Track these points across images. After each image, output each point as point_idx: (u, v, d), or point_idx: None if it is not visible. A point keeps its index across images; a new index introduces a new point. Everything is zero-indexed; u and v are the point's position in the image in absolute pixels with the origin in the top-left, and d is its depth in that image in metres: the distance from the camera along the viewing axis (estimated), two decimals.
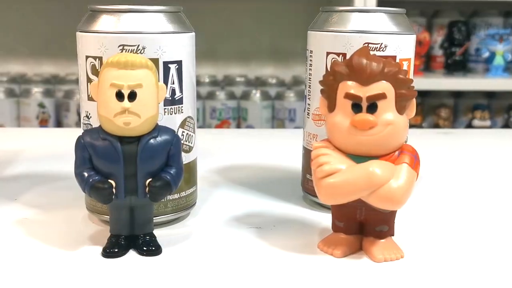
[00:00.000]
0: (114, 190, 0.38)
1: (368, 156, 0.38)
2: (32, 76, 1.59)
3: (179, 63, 0.43)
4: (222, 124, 1.56)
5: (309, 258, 0.40)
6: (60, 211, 0.49)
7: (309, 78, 0.49)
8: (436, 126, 1.63)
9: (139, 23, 0.41)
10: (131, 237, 0.41)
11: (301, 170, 0.52)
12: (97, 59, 0.42)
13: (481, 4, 1.64)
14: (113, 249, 0.40)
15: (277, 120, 1.58)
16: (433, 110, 1.65)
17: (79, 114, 1.50)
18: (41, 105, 1.49)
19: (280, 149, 0.73)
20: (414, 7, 1.62)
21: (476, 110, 1.62)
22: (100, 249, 0.41)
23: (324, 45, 0.47)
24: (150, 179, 0.39)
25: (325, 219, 0.47)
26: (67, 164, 0.62)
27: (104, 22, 0.42)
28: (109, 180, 0.38)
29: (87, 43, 0.42)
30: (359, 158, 0.38)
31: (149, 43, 0.41)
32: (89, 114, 0.43)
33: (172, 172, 0.39)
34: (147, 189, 0.39)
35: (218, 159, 0.66)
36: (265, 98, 1.56)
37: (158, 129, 0.39)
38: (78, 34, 0.44)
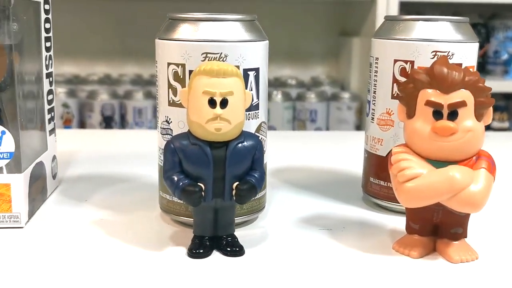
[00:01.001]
0: (203, 193, 0.40)
1: (447, 161, 0.39)
2: (55, 77, 1.60)
3: (256, 70, 0.45)
4: None
5: (386, 259, 0.41)
6: (132, 212, 0.50)
7: (374, 84, 0.50)
8: None
9: (221, 32, 0.43)
10: (214, 238, 0.42)
11: (363, 173, 0.53)
12: (180, 66, 0.43)
13: (500, 6, 1.65)
14: (199, 249, 0.41)
15: (298, 121, 1.60)
16: None
17: (103, 115, 1.53)
18: (65, 105, 1.51)
19: (330, 151, 0.75)
20: (434, 9, 1.64)
21: (495, 111, 1.63)
22: (180, 249, 0.42)
23: (391, 53, 0.48)
24: (237, 182, 0.40)
25: (389, 221, 0.49)
26: (125, 165, 0.65)
27: (186, 30, 0.43)
28: (199, 183, 0.40)
29: (169, 51, 0.44)
30: (438, 163, 0.39)
31: (230, 51, 0.43)
32: (169, 119, 0.45)
33: (256, 175, 0.41)
34: (233, 192, 0.40)
35: (273, 161, 0.68)
36: (287, 99, 1.58)
37: (244, 135, 0.41)
38: (158, 41, 0.45)
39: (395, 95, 0.48)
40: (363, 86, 1.61)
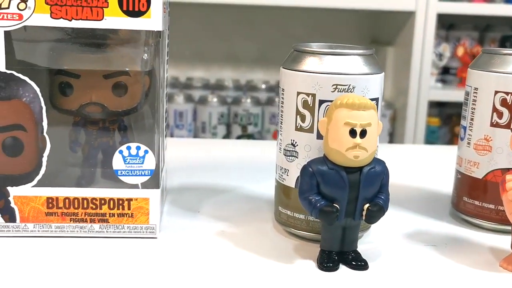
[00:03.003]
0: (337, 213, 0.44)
1: None
2: None
3: (377, 100, 0.49)
4: None
5: (497, 276, 0.46)
6: (248, 223, 0.54)
7: (472, 111, 0.55)
8: None
9: (348, 65, 0.47)
10: (340, 253, 0.47)
11: (454, 191, 0.58)
12: (310, 96, 0.48)
13: None
14: (328, 263, 0.46)
15: None
16: None
17: None
18: None
19: (409, 165, 0.79)
20: (468, 21, 1.68)
21: None
22: (307, 262, 0.47)
23: (490, 84, 0.53)
24: (367, 204, 0.44)
25: (484, 238, 0.53)
26: (216, 175, 0.69)
27: (316, 63, 0.48)
28: (334, 204, 0.44)
29: (299, 81, 0.48)
30: None
31: (357, 83, 0.47)
32: (295, 142, 0.49)
33: (383, 197, 0.45)
34: (364, 212, 0.45)
35: None
36: None
37: (374, 161, 0.45)
38: (286, 71, 0.49)
39: (494, 123, 0.53)
40: (397, 95, 1.66)
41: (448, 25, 1.70)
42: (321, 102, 0.47)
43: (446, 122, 1.75)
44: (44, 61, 0.49)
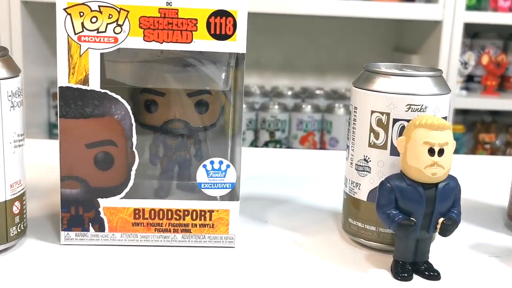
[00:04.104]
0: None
1: None
2: None
3: (445, 118, 0.52)
4: (308, 135, 1.65)
5: None
6: (317, 234, 0.57)
7: None
8: (508, 143, 1.71)
9: (421, 86, 0.50)
10: (412, 263, 0.49)
11: (510, 203, 0.60)
12: (384, 115, 0.50)
13: None
14: (403, 273, 0.48)
15: None
16: (506, 128, 1.73)
17: None
18: None
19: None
20: (492, 29, 1.70)
21: None
22: (381, 271, 0.49)
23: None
24: (442, 218, 0.47)
25: None
26: (287, 186, 0.72)
27: (389, 83, 0.50)
28: (411, 218, 0.47)
29: (373, 100, 0.51)
30: None
31: (430, 103, 0.50)
32: (368, 158, 0.52)
33: (456, 212, 0.48)
34: (438, 226, 0.47)
35: None
36: (349, 112, 1.65)
37: (448, 177, 0.48)
38: (358, 90, 0.52)
39: None
40: None
41: (472, 33, 1.72)
42: (395, 120, 0.50)
43: (470, 129, 1.78)
44: (131, 80, 0.52)
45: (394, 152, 0.51)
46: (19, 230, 0.50)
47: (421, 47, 1.69)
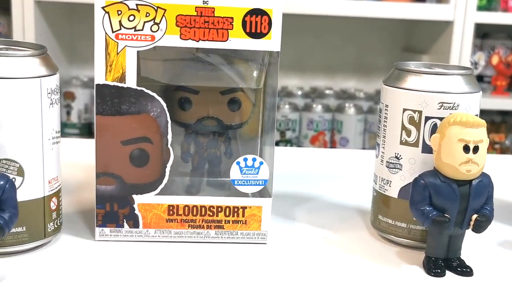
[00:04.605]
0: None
1: None
2: None
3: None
4: (318, 135, 1.65)
5: None
6: (345, 230, 0.58)
7: None
8: None
9: (453, 84, 0.51)
10: (445, 259, 0.50)
11: None
12: (416, 112, 0.51)
13: None
14: (436, 269, 0.49)
15: (370, 133, 1.67)
16: None
17: None
18: None
19: None
20: (502, 30, 1.71)
21: None
22: (413, 267, 0.50)
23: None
24: (475, 215, 0.48)
25: None
26: (312, 184, 0.72)
27: (421, 81, 0.51)
28: (446, 215, 0.47)
29: (405, 98, 0.51)
30: None
31: (461, 101, 0.51)
32: (399, 155, 0.53)
33: (489, 208, 0.48)
34: (472, 222, 0.48)
35: None
36: (359, 112, 1.65)
37: (482, 174, 0.48)
38: (389, 88, 0.53)
39: None
40: None
41: (482, 34, 1.73)
42: (427, 118, 0.51)
43: None
44: (165, 78, 0.53)
45: (426, 149, 0.51)
46: (55, 226, 0.50)
47: (431, 47, 1.70)
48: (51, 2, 1.50)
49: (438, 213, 0.47)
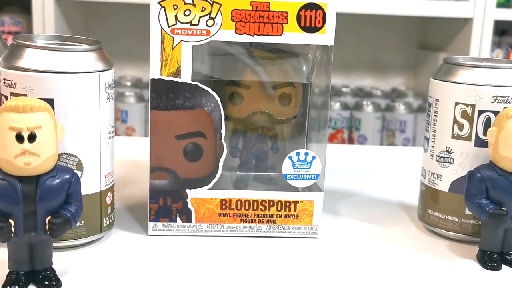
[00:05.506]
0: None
1: None
2: None
3: None
4: (337, 133, 1.65)
5: None
6: (392, 225, 0.58)
7: None
8: None
9: (507, 77, 0.51)
10: (499, 253, 0.50)
11: None
12: (469, 106, 0.51)
13: None
14: (492, 263, 0.49)
15: (388, 131, 1.67)
16: None
17: None
18: None
19: None
20: None
21: None
22: (463, 261, 0.50)
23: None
24: None
25: None
26: (348, 180, 0.72)
27: (474, 75, 0.51)
28: (503, 208, 0.47)
29: (457, 92, 0.52)
30: None
31: None
32: (451, 149, 0.53)
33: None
34: None
35: None
36: (377, 110, 1.65)
37: None
38: (439, 82, 0.53)
39: None
40: None
41: (500, 31, 1.72)
42: (481, 112, 0.51)
43: None
44: (217, 73, 0.53)
45: (479, 143, 0.51)
46: (110, 221, 0.51)
47: (448, 44, 1.69)
48: (70, 1, 1.51)
49: (495, 207, 0.47)
